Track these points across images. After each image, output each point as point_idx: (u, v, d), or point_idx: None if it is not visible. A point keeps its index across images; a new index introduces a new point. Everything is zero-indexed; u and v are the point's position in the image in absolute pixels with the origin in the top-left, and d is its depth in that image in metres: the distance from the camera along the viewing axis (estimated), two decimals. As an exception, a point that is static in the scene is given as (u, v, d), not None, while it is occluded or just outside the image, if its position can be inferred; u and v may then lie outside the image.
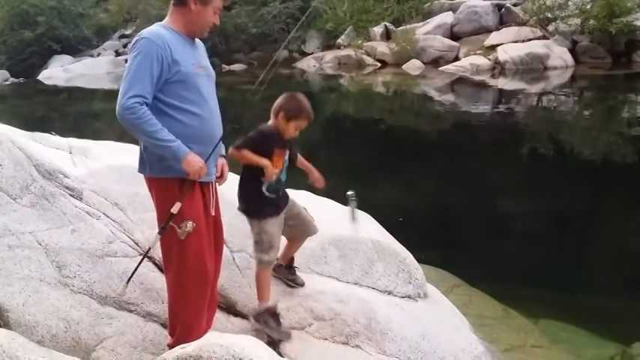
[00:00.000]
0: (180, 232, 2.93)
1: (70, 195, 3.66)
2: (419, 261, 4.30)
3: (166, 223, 2.92)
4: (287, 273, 3.69)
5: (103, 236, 3.52)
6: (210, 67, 3.16)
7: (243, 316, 3.54)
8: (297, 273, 3.74)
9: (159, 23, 3.03)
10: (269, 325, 3.35)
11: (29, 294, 3.15)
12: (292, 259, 3.68)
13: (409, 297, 4.00)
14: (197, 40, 3.15)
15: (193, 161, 2.89)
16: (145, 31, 2.94)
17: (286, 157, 3.45)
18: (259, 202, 3.35)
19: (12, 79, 27.10)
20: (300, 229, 3.61)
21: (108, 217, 3.67)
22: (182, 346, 2.45)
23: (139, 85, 2.81)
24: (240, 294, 3.59)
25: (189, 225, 2.94)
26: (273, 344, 3.24)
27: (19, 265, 3.23)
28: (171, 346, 2.90)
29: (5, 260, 3.21)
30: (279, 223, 3.42)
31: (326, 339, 3.50)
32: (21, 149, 3.66)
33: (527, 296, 5.21)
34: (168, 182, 2.96)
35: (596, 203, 7.62)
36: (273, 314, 3.38)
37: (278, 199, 3.41)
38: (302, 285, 3.69)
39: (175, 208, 2.90)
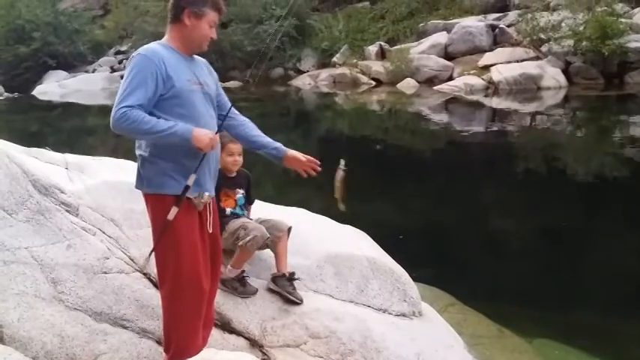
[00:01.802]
0: (197, 202, 2.97)
1: (66, 211, 3.65)
2: (414, 279, 4.31)
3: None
4: (287, 285, 3.66)
5: (99, 252, 3.51)
6: (211, 84, 3.16)
7: (239, 334, 3.53)
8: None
9: (157, 42, 3.06)
10: (236, 289, 3.64)
11: (24, 310, 3.13)
12: (293, 273, 3.68)
13: (404, 315, 4.00)
14: (198, 58, 3.17)
15: (201, 136, 2.89)
16: (141, 48, 2.97)
17: (238, 196, 3.76)
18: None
19: (6, 94, 27.17)
20: (273, 229, 3.67)
21: (104, 233, 3.66)
22: (178, 363, 2.45)
23: (131, 97, 2.81)
24: (236, 311, 3.58)
25: (206, 196, 3.00)
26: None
27: (14, 281, 3.21)
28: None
29: (0, 276, 3.19)
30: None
31: (321, 357, 3.49)
32: (17, 164, 3.66)
33: (522, 316, 5.21)
34: (164, 198, 2.96)
35: (590, 223, 7.64)
36: (240, 279, 3.65)
37: None
38: (300, 301, 3.67)
39: (172, 215, 2.90)
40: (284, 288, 3.67)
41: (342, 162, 3.41)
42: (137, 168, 3.05)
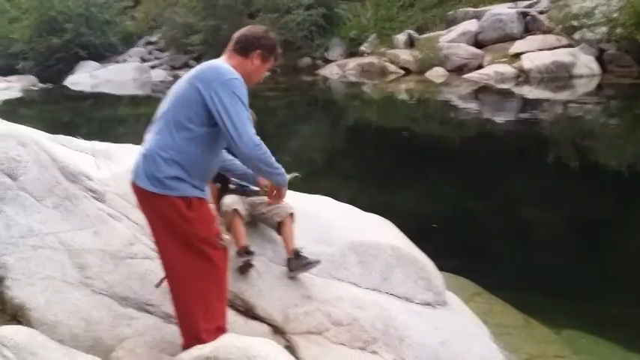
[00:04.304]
0: (222, 244, 3.15)
1: (93, 197, 3.70)
2: (440, 268, 4.28)
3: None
4: (299, 262, 3.67)
5: (125, 238, 3.56)
6: None
7: (262, 320, 3.55)
8: (317, 279, 3.74)
9: (228, 65, 3.02)
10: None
11: (51, 294, 3.19)
12: (297, 249, 3.70)
13: (428, 304, 3.98)
14: None
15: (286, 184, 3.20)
16: (236, 73, 2.95)
17: None
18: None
19: (40, 85, 27.63)
20: (272, 213, 3.74)
21: (129, 219, 3.71)
22: (199, 347, 2.47)
23: (250, 126, 2.89)
24: (259, 298, 3.60)
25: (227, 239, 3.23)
26: None
27: (42, 266, 3.27)
28: (184, 347, 2.93)
29: (29, 260, 3.25)
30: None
31: (343, 344, 3.49)
32: (46, 152, 3.71)
33: (549, 306, 5.14)
34: (171, 199, 2.98)
35: (620, 213, 7.50)
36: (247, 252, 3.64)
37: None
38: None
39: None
40: (298, 266, 3.68)
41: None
42: (145, 165, 3.00)
